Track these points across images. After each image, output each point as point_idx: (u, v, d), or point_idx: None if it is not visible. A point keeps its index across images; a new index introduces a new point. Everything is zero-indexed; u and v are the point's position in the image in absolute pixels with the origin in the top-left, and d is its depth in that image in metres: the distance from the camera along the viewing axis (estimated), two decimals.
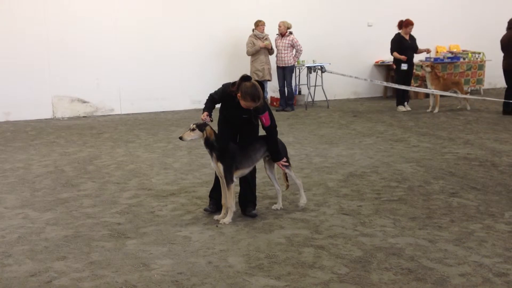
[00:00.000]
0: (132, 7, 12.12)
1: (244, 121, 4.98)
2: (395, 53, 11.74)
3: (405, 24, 11.78)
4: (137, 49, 12.15)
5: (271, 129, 4.98)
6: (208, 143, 4.81)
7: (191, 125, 4.82)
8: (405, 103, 12.09)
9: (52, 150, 8.36)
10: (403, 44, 11.75)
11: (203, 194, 5.68)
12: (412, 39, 11.94)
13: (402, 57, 11.63)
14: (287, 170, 5.11)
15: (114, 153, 8.06)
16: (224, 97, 4.94)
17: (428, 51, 12.34)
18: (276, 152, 5.02)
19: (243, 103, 4.74)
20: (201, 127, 4.78)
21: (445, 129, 9.56)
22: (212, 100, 5.04)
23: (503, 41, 11.03)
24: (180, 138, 4.81)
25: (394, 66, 12.18)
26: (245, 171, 4.99)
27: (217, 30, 12.78)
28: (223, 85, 5.02)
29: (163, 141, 8.90)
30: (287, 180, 5.25)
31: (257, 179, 5.37)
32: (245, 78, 4.74)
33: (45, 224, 4.96)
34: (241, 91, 4.70)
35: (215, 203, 5.20)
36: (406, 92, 12.05)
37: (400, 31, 11.87)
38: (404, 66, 11.73)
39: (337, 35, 13.98)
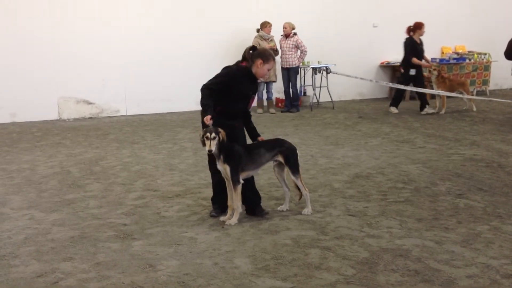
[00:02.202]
0: (137, 9, 12.13)
1: (241, 112, 5.07)
2: (416, 59, 11.17)
3: (417, 27, 11.30)
4: (143, 51, 12.17)
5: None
6: (223, 146, 4.73)
7: (209, 134, 4.64)
8: (427, 106, 11.52)
9: (58, 151, 8.38)
10: (416, 48, 11.32)
11: (209, 195, 5.66)
12: (421, 43, 11.56)
13: (427, 64, 11.22)
14: (293, 177, 5.07)
15: (119, 154, 8.07)
16: (234, 79, 4.89)
17: (430, 66, 11.83)
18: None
19: (266, 67, 4.86)
20: (216, 132, 4.67)
21: (451, 130, 9.53)
22: (211, 94, 4.85)
23: None
24: (210, 151, 4.67)
25: (402, 70, 11.62)
26: (250, 173, 5.00)
27: (222, 31, 12.78)
28: (227, 68, 5.05)
29: (168, 142, 8.91)
30: (299, 190, 5.19)
31: (263, 181, 5.37)
32: (252, 48, 4.95)
33: (51, 225, 4.97)
34: (262, 56, 4.84)
35: (219, 207, 5.19)
36: (424, 95, 11.58)
37: (409, 35, 11.37)
38: (412, 72, 11.31)
39: (342, 36, 13.95)
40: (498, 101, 11.54)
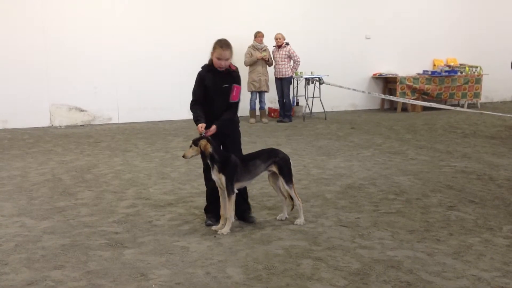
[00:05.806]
0: (130, 16, 12.16)
1: (222, 109, 5.06)
2: None
3: None
4: (135, 59, 12.18)
5: (236, 104, 5.16)
6: (204, 157, 4.80)
7: (191, 142, 4.85)
8: None
9: (49, 158, 8.34)
10: None
11: (201, 204, 5.66)
12: None
13: None
14: (287, 187, 5.07)
15: (111, 162, 8.05)
16: (201, 76, 5.08)
17: None
18: (221, 123, 5.00)
19: (220, 53, 4.92)
20: (196, 142, 4.79)
21: (442, 142, 9.58)
22: (196, 103, 5.07)
23: None
24: (183, 156, 4.85)
25: None
26: (244, 184, 5.01)
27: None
28: (198, 74, 5.23)
29: (160, 151, 8.89)
30: (292, 200, 5.20)
31: (255, 190, 5.37)
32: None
33: (42, 232, 4.93)
34: (216, 44, 4.95)
35: (213, 216, 5.18)
36: None
37: None
38: None
39: (335, 47, 14.06)
40: (489, 114, 11.64)
